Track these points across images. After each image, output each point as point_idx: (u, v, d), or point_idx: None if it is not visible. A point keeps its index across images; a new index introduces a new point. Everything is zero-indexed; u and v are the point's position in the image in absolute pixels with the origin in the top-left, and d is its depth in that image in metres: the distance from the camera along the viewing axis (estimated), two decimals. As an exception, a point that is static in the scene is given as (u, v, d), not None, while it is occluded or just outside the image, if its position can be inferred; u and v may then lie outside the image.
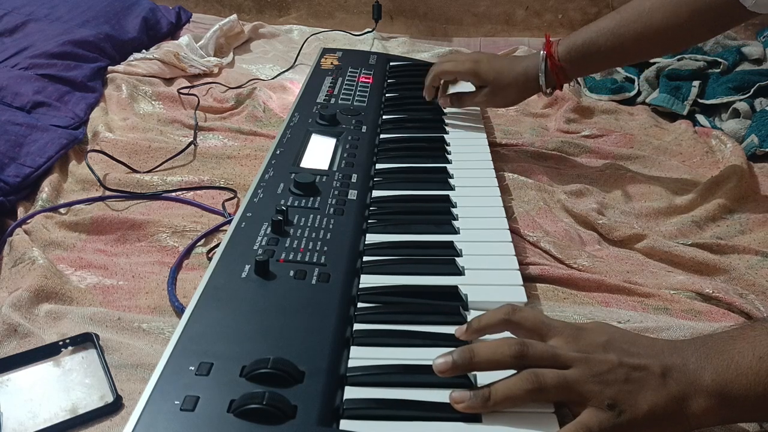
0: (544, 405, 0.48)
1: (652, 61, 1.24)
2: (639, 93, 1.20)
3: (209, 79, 1.28)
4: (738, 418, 0.51)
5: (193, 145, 1.04)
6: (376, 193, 0.79)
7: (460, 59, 0.98)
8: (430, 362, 0.52)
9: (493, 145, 1.00)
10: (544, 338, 0.51)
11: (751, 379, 0.45)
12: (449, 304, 0.60)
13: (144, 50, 1.34)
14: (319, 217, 0.70)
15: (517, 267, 0.66)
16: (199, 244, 0.82)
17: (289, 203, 0.72)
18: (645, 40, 0.84)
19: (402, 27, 1.71)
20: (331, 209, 0.72)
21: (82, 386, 0.61)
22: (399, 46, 1.47)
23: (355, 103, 1.00)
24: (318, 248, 0.65)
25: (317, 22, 1.71)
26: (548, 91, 0.92)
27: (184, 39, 1.37)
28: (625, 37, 0.84)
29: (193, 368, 0.50)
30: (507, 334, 0.53)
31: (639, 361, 0.48)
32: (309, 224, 0.69)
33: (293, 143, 0.86)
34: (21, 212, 0.88)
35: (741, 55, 1.25)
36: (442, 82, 1.00)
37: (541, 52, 0.90)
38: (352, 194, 0.76)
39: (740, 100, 1.09)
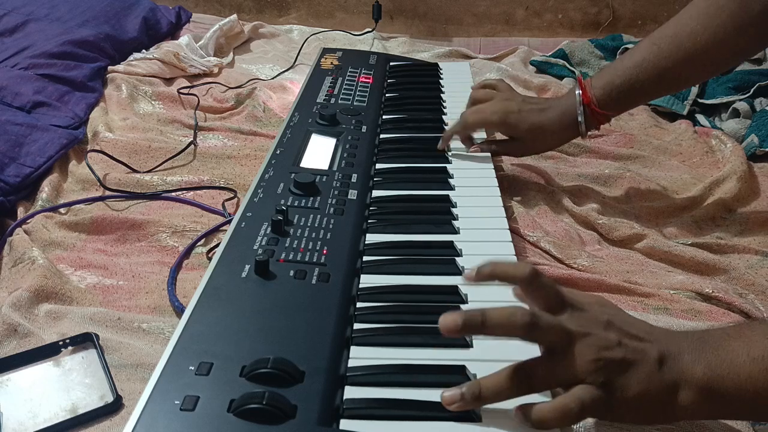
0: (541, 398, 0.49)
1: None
2: (639, 93, 1.20)
3: (209, 79, 1.28)
4: (724, 414, 0.51)
5: (193, 145, 1.04)
6: (376, 193, 0.79)
7: (489, 109, 0.87)
8: (430, 362, 0.52)
9: (493, 145, 1.00)
10: (555, 312, 0.50)
11: (742, 379, 0.45)
12: (449, 304, 0.60)
13: (144, 50, 1.34)
14: (319, 217, 0.70)
15: (517, 267, 0.66)
16: (199, 244, 0.82)
17: (289, 203, 0.72)
18: (691, 67, 0.78)
19: (402, 27, 1.71)
20: (331, 209, 0.72)
21: (82, 386, 0.61)
22: (399, 46, 1.47)
23: (355, 103, 1.00)
24: (318, 248, 0.65)
25: (317, 22, 1.71)
26: (587, 134, 0.85)
27: (184, 39, 1.37)
28: (668, 68, 0.78)
29: (193, 368, 0.50)
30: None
31: (638, 344, 0.48)
32: (309, 224, 0.69)
33: (293, 143, 0.86)
34: (21, 212, 0.88)
35: (741, 55, 1.25)
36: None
37: (576, 93, 0.82)
38: (352, 194, 0.76)
39: (740, 100, 1.09)
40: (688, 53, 0.77)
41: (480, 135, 0.91)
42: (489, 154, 0.88)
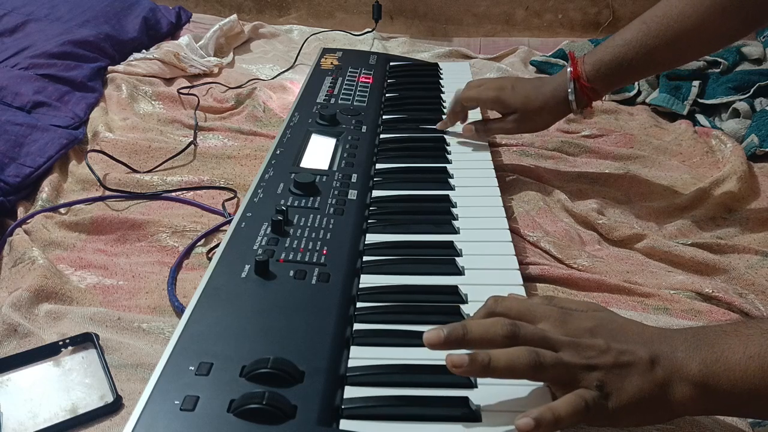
0: (542, 399, 0.49)
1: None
2: (639, 93, 1.20)
3: (209, 79, 1.28)
4: (720, 411, 0.51)
5: (193, 145, 1.04)
6: (376, 193, 0.79)
7: (484, 86, 0.91)
8: (430, 362, 0.52)
9: (493, 145, 1.00)
10: (532, 323, 0.51)
11: (738, 376, 0.46)
12: (449, 304, 0.60)
13: (144, 50, 1.34)
14: (319, 217, 0.70)
15: (517, 267, 0.66)
16: (199, 244, 0.82)
17: (289, 203, 0.72)
18: (678, 48, 0.80)
19: (402, 27, 1.71)
20: (331, 209, 0.72)
21: (82, 386, 0.61)
22: (399, 46, 1.47)
23: (355, 103, 1.00)
24: (318, 248, 0.65)
25: (317, 22, 1.71)
26: (579, 111, 0.86)
27: (184, 39, 1.37)
28: (656, 47, 0.79)
29: (193, 368, 0.50)
30: None
31: (627, 347, 0.48)
32: (309, 224, 0.69)
33: (293, 143, 0.86)
34: (21, 212, 0.88)
35: (741, 55, 1.25)
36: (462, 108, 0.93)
37: (567, 70, 0.84)
38: (352, 194, 0.76)
39: (740, 100, 1.09)
40: (676, 34, 0.78)
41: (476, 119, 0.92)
42: (489, 155, 0.88)
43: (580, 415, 0.46)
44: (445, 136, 0.93)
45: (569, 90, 0.84)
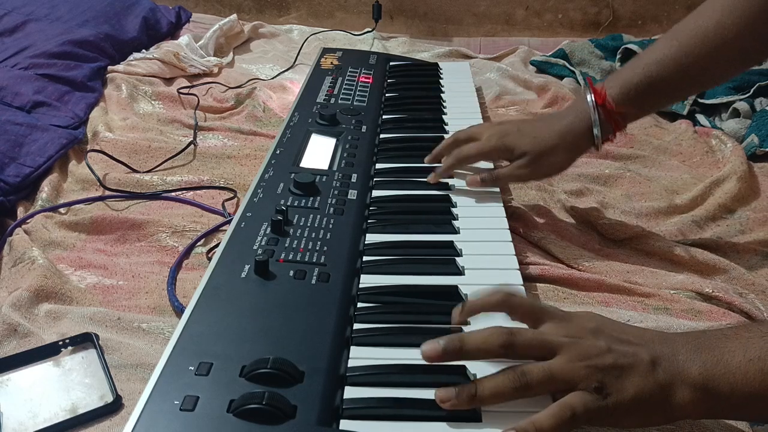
0: (543, 401, 0.49)
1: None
2: (639, 93, 1.20)
3: (209, 79, 1.28)
4: (721, 414, 0.52)
5: (192, 145, 1.04)
6: (376, 193, 0.79)
7: (484, 135, 0.79)
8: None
9: (493, 145, 1.00)
10: (536, 324, 0.51)
11: (738, 378, 0.46)
12: (449, 303, 0.60)
13: (144, 50, 1.34)
14: (319, 217, 0.70)
15: (517, 267, 0.66)
16: (198, 244, 0.82)
17: (289, 203, 0.72)
18: (718, 61, 0.72)
19: (402, 27, 1.71)
20: (331, 209, 0.72)
21: (82, 386, 0.61)
22: (399, 46, 1.47)
23: (355, 103, 1.00)
24: (318, 248, 0.65)
25: (317, 22, 1.71)
26: (600, 145, 0.76)
27: (184, 39, 1.37)
28: (692, 63, 0.71)
29: (192, 368, 0.50)
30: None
31: (628, 348, 0.48)
32: (309, 224, 0.69)
33: (293, 143, 0.86)
34: (21, 212, 0.88)
35: (741, 55, 1.25)
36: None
37: (588, 98, 0.74)
38: (352, 194, 0.76)
39: (740, 99, 1.09)
40: (715, 46, 0.70)
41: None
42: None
43: (565, 425, 0.46)
44: (445, 135, 0.93)
45: (594, 119, 0.74)
